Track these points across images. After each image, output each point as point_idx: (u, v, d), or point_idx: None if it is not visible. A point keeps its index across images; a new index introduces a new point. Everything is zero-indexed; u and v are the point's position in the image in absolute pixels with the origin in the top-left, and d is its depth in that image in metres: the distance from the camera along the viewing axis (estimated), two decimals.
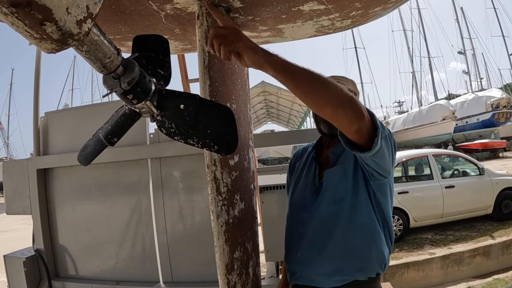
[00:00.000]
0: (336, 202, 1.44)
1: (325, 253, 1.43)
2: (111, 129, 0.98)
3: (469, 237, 6.63)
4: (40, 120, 2.99)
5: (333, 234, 1.43)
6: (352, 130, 1.13)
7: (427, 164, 7.70)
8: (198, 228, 2.51)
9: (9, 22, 0.58)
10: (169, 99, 0.94)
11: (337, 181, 1.45)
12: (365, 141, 1.18)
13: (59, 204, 2.90)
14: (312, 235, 1.47)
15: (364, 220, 1.41)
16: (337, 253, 1.41)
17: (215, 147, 0.95)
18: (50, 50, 0.65)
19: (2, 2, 0.53)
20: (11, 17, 0.56)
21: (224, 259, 1.35)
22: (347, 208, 1.42)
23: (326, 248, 1.43)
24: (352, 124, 1.11)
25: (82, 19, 0.64)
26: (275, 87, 30.31)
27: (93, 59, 0.75)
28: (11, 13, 0.55)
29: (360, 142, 1.18)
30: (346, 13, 1.78)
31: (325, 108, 1.08)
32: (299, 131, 2.97)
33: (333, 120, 1.12)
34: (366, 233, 1.41)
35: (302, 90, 1.05)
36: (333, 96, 1.06)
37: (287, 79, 1.03)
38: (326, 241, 1.43)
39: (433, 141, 29.41)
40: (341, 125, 1.13)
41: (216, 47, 1.02)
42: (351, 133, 1.15)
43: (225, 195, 1.36)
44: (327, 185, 1.48)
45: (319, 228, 1.46)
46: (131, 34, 1.84)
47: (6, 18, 0.56)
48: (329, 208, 1.45)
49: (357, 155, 1.26)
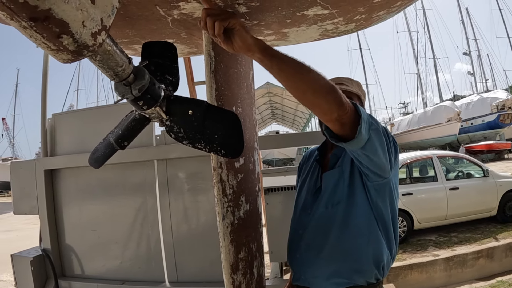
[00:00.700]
0: (334, 205, 1.45)
1: (322, 255, 1.44)
2: (122, 133, 1.01)
3: (473, 239, 6.60)
4: (47, 121, 3.03)
5: (329, 236, 1.44)
6: (333, 117, 1.12)
7: (431, 165, 7.69)
8: (203, 229, 2.54)
9: (28, 35, 0.60)
10: (177, 104, 0.97)
11: (334, 184, 1.47)
12: (349, 131, 1.17)
13: (65, 205, 2.95)
14: (310, 237, 1.49)
15: (360, 223, 1.41)
16: (333, 255, 1.42)
17: (222, 151, 0.98)
18: (66, 60, 0.68)
19: (21, 16, 0.55)
20: (29, 30, 0.58)
21: (229, 259, 1.38)
22: (343, 210, 1.42)
23: (323, 250, 1.44)
24: (333, 112, 1.11)
25: (96, 31, 0.67)
26: (280, 88, 30.27)
27: (106, 67, 0.78)
28: (30, 27, 0.57)
29: (343, 132, 1.18)
30: (350, 17, 1.80)
31: (306, 93, 1.09)
32: (303, 134, 2.99)
33: (314, 106, 1.12)
34: (362, 235, 1.41)
35: (285, 75, 1.07)
36: (315, 82, 1.08)
37: (272, 64, 1.05)
38: (323, 243, 1.44)
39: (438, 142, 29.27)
40: (322, 112, 1.14)
41: (210, 24, 1.03)
42: (332, 121, 1.15)
43: (231, 196, 1.39)
44: (325, 188, 1.49)
45: (317, 230, 1.48)
46: (138, 38, 1.87)
47: (25, 31, 0.59)
48: (327, 210, 1.46)
49: (347, 149, 1.26)
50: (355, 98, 1.58)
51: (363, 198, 1.42)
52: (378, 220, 1.44)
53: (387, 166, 1.36)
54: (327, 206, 1.46)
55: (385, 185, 1.42)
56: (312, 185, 1.59)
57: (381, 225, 1.44)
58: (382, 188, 1.42)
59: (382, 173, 1.37)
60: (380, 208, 1.43)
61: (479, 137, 29.93)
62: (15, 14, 0.54)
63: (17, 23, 0.56)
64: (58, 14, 0.57)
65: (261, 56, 1.05)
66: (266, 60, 1.05)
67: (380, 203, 1.43)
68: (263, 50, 1.05)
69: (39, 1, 0.54)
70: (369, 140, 1.21)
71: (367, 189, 1.42)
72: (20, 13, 0.54)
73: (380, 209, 1.43)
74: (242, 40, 1.04)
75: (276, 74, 1.07)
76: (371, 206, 1.43)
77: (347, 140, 1.19)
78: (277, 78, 1.07)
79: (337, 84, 1.52)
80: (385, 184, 1.42)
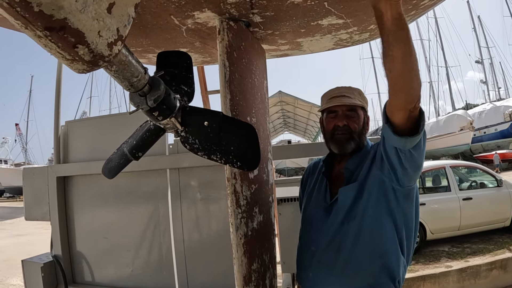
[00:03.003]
0: (349, 220, 1.41)
1: (335, 272, 1.41)
2: (136, 144, 1.01)
3: (487, 250, 6.50)
4: (60, 128, 3.05)
5: (342, 253, 1.40)
6: (410, 107, 1.13)
7: (444, 175, 7.59)
8: (215, 238, 2.52)
9: (43, 44, 0.59)
10: (193, 116, 0.96)
11: (353, 199, 1.43)
12: (410, 126, 1.17)
13: (77, 211, 2.95)
14: (323, 254, 1.45)
15: (375, 236, 1.38)
16: (346, 271, 1.39)
17: (237, 163, 0.97)
18: (81, 70, 0.67)
19: (36, 25, 0.54)
20: (44, 40, 0.57)
21: (242, 270, 1.36)
22: (357, 225, 1.39)
23: (335, 267, 1.41)
24: (414, 100, 1.12)
25: (112, 41, 0.66)
26: (292, 97, 30.26)
27: (121, 78, 0.77)
28: (45, 36, 0.56)
29: (406, 126, 1.18)
30: (365, 26, 1.79)
31: (412, 71, 1.08)
32: (316, 144, 2.98)
33: (407, 88, 1.11)
34: (376, 249, 1.38)
35: (409, 43, 1.04)
36: (417, 63, 1.07)
37: (403, 30, 1.02)
38: (336, 260, 1.41)
39: (450, 152, 28.89)
40: (407, 97, 1.13)
41: None
42: (406, 111, 1.14)
43: (245, 207, 1.37)
44: (343, 203, 1.45)
45: (330, 247, 1.44)
46: (152, 47, 1.88)
47: (40, 40, 0.58)
48: (342, 227, 1.42)
49: (402, 146, 1.23)
50: (360, 110, 1.55)
51: (381, 211, 1.39)
52: (398, 230, 1.40)
53: (420, 167, 1.35)
54: (343, 222, 1.43)
55: (413, 190, 1.41)
56: (321, 200, 1.56)
57: (399, 236, 1.41)
58: (411, 193, 1.41)
59: (415, 176, 1.36)
60: (407, 215, 1.41)
61: (493, 146, 29.52)
62: (30, 23, 0.54)
63: (32, 32, 0.56)
64: (74, 23, 0.57)
65: (400, 12, 1.01)
66: (401, 23, 1.02)
67: (407, 209, 1.41)
68: (401, 14, 1.02)
69: (55, 10, 0.53)
70: (420, 140, 1.21)
71: (395, 197, 1.39)
72: (35, 22, 0.53)
73: (406, 217, 1.41)
74: None
75: (400, 39, 1.04)
76: (392, 216, 1.39)
77: (407, 131, 1.19)
78: (397, 44, 1.05)
79: (339, 96, 1.51)
80: (413, 190, 1.41)
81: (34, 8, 0.51)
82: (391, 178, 1.36)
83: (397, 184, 1.36)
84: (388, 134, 1.23)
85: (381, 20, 1.03)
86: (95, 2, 0.60)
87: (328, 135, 1.56)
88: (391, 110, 1.20)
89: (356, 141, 1.51)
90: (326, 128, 1.57)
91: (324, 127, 1.59)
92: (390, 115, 1.21)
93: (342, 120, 1.50)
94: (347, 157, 1.54)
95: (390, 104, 1.19)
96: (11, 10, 0.51)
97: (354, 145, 1.51)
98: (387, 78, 1.12)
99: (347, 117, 1.51)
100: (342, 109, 1.52)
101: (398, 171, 1.33)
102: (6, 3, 0.50)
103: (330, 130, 1.54)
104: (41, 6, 0.51)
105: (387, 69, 1.10)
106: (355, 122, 1.51)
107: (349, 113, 1.51)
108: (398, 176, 1.34)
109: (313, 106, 28.76)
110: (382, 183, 1.39)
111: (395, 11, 1.00)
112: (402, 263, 1.41)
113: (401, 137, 1.19)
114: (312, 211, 1.59)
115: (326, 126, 1.57)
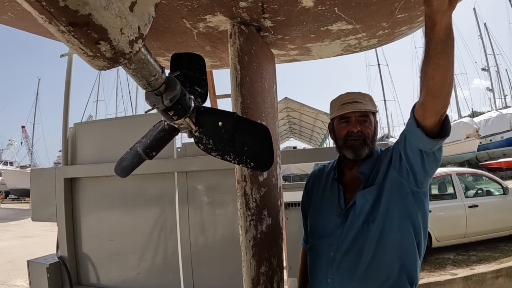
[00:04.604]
0: (369, 223, 1.42)
1: (356, 276, 1.40)
2: (150, 144, 1.02)
3: (492, 258, 6.44)
4: (69, 130, 3.08)
5: (362, 256, 1.41)
6: (443, 110, 1.18)
7: (450, 183, 7.54)
8: (221, 242, 2.53)
9: (65, 40, 0.59)
10: (207, 116, 0.97)
11: (372, 202, 1.44)
12: (440, 127, 1.22)
13: (84, 213, 2.97)
14: (343, 258, 1.45)
15: (395, 238, 1.39)
16: (368, 273, 1.39)
17: (251, 163, 0.97)
18: (101, 67, 0.67)
19: (60, 20, 0.54)
20: (67, 35, 0.57)
21: (250, 273, 1.36)
22: (377, 227, 1.40)
23: (356, 271, 1.41)
24: (447, 104, 1.17)
25: (134, 39, 0.66)
26: (298, 104, 30.18)
27: (139, 76, 0.78)
28: (68, 31, 0.56)
29: (436, 128, 1.22)
30: (373, 32, 1.80)
31: (449, 70, 1.10)
32: (321, 149, 2.98)
33: (442, 91, 1.14)
34: (395, 251, 1.39)
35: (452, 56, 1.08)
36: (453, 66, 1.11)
37: (451, 39, 1.05)
38: (357, 263, 1.41)
39: (456, 159, 28.68)
40: (443, 100, 1.16)
41: None
42: (438, 114, 1.19)
43: (254, 210, 1.38)
44: (362, 207, 1.45)
45: (350, 251, 1.44)
46: (162, 50, 1.90)
47: (62, 36, 0.58)
48: (363, 230, 1.43)
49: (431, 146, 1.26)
50: (371, 115, 1.56)
51: (401, 212, 1.41)
52: (417, 232, 1.43)
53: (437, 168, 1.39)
54: (363, 225, 1.43)
55: (428, 191, 1.46)
56: (335, 205, 1.55)
57: (417, 237, 1.43)
58: (427, 194, 1.45)
59: (431, 179, 1.40)
60: (424, 216, 1.44)
61: (499, 154, 29.30)
62: (54, 18, 0.54)
63: (55, 27, 0.56)
64: (98, 20, 0.57)
65: (451, 22, 1.04)
66: (452, 29, 1.04)
67: (424, 210, 1.45)
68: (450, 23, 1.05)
69: (80, 6, 0.53)
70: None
71: (414, 198, 1.42)
72: (60, 17, 0.53)
73: (424, 218, 1.44)
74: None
75: (448, 48, 1.06)
76: (411, 218, 1.42)
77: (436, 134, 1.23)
78: (445, 53, 1.07)
79: (352, 102, 1.52)
80: (428, 191, 1.46)
81: (60, 3, 0.51)
82: (409, 180, 1.38)
83: (416, 186, 1.38)
84: (418, 137, 1.25)
85: (432, 30, 1.04)
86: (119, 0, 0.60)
87: (341, 141, 1.56)
88: (424, 114, 1.22)
89: (370, 147, 1.53)
90: (339, 134, 1.57)
91: (336, 134, 1.60)
92: (422, 119, 1.23)
93: (355, 126, 1.51)
94: (359, 162, 1.55)
95: (425, 109, 1.21)
96: (36, 4, 0.51)
97: (368, 150, 1.52)
98: (427, 84, 1.15)
99: (360, 123, 1.52)
100: (356, 115, 1.52)
101: (418, 173, 1.36)
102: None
103: (343, 136, 1.55)
104: (66, 1, 0.52)
105: (429, 76, 1.12)
106: (368, 127, 1.53)
107: (362, 119, 1.52)
108: (418, 178, 1.36)
109: (318, 112, 28.68)
110: (401, 186, 1.40)
111: (447, 21, 1.03)
112: (419, 266, 1.43)
113: (433, 140, 1.23)
114: (325, 217, 1.58)
115: (339, 133, 1.57)
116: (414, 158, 1.33)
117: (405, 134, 1.34)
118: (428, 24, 1.05)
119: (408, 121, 1.30)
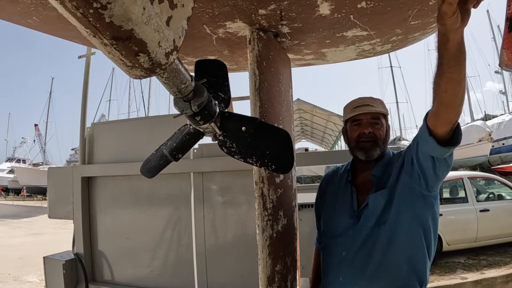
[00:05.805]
0: (381, 224, 1.46)
1: (367, 275, 1.45)
2: (176, 146, 1.07)
3: (503, 263, 6.38)
4: (86, 130, 3.15)
5: (373, 256, 1.45)
6: (455, 119, 1.23)
7: (462, 186, 7.50)
8: (235, 242, 2.57)
9: (106, 51, 0.64)
10: (231, 121, 1.02)
11: (384, 204, 1.48)
12: (451, 136, 1.26)
13: (100, 211, 3.03)
14: (354, 258, 1.49)
15: (405, 239, 1.43)
16: (377, 273, 1.43)
17: (272, 166, 1.02)
18: (138, 76, 0.72)
19: (105, 34, 0.59)
20: (110, 48, 0.62)
21: (266, 271, 1.41)
22: (388, 229, 1.44)
23: (367, 270, 1.45)
24: (459, 113, 1.22)
25: (169, 51, 0.71)
26: (310, 105, 30.03)
27: (171, 84, 0.83)
28: (111, 44, 0.61)
29: (447, 136, 1.26)
30: (387, 38, 1.84)
31: (461, 83, 1.15)
32: (333, 152, 3.01)
33: (454, 103, 1.19)
34: (405, 252, 1.43)
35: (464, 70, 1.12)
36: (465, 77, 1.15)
37: (463, 54, 1.09)
38: (367, 262, 1.45)
39: (468, 163, 28.32)
40: (455, 109, 1.21)
41: None
42: (450, 124, 1.23)
43: (271, 210, 1.42)
44: (374, 209, 1.49)
45: (361, 250, 1.48)
46: (181, 54, 1.95)
47: (104, 48, 0.62)
48: (373, 231, 1.47)
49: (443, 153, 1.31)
50: (383, 118, 1.60)
51: (411, 215, 1.45)
52: (427, 234, 1.47)
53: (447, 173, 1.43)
54: (374, 227, 1.47)
55: (438, 195, 1.50)
56: (348, 207, 1.59)
57: (427, 240, 1.47)
58: (437, 197, 1.50)
59: (441, 183, 1.45)
60: (434, 219, 1.49)
61: (511, 157, 28.90)
62: (99, 32, 0.58)
63: (99, 41, 0.60)
64: (139, 34, 0.61)
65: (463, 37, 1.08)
66: (464, 44, 1.09)
67: (434, 214, 1.49)
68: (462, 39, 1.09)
69: (124, 22, 0.58)
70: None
71: (425, 202, 1.46)
72: (105, 31, 0.58)
73: (434, 221, 1.49)
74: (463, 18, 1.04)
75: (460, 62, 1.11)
76: (422, 221, 1.46)
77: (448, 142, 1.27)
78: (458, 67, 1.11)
79: (363, 105, 1.56)
80: (438, 194, 1.50)
81: (106, 19, 0.56)
82: (420, 185, 1.42)
83: (426, 189, 1.42)
84: (430, 145, 1.29)
85: (445, 46, 1.08)
86: (157, 15, 0.65)
87: (353, 143, 1.60)
88: (437, 123, 1.27)
89: (381, 148, 1.57)
90: (351, 136, 1.62)
91: (348, 136, 1.64)
92: (434, 128, 1.28)
93: (367, 127, 1.55)
94: (371, 165, 1.58)
95: (438, 119, 1.26)
96: (83, 20, 0.56)
97: (379, 151, 1.56)
98: (440, 97, 1.20)
99: (372, 124, 1.56)
100: (367, 117, 1.56)
101: (429, 178, 1.40)
102: (80, 13, 0.54)
103: (355, 138, 1.59)
104: (112, 18, 0.56)
105: (442, 89, 1.17)
106: (379, 129, 1.57)
107: (373, 121, 1.56)
108: (429, 182, 1.40)
109: (331, 114, 28.51)
110: (412, 190, 1.44)
111: (460, 36, 1.07)
112: (428, 267, 1.47)
113: (445, 147, 1.27)
114: (338, 218, 1.62)
115: (351, 135, 1.62)
116: (426, 164, 1.37)
117: (417, 140, 1.38)
118: (441, 41, 1.08)
119: (421, 128, 1.34)
